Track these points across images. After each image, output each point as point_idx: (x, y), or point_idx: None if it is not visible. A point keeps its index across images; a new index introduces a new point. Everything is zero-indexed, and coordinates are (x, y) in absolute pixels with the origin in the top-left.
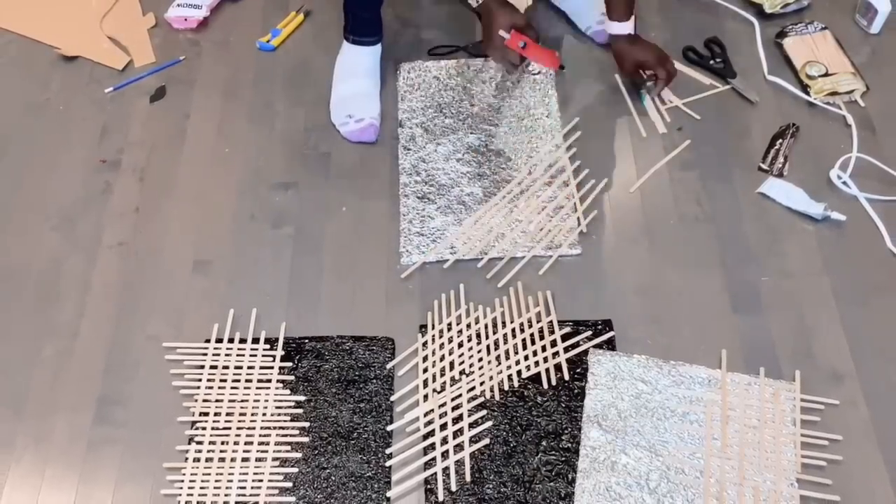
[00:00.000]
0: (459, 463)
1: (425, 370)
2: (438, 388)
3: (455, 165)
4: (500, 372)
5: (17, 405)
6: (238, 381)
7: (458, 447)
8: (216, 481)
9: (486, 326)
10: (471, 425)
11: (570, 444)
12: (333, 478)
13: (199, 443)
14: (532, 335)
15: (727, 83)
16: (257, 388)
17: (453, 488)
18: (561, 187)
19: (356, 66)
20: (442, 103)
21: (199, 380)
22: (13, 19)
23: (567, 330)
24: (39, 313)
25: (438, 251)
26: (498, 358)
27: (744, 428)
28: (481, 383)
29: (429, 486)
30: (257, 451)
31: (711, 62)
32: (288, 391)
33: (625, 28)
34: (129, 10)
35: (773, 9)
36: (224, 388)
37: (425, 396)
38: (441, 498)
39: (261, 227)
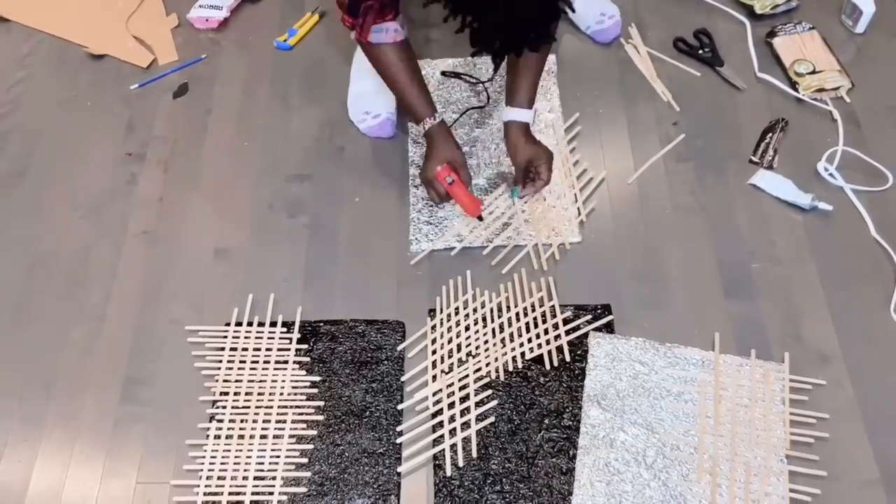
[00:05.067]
0: (466, 440)
1: (434, 352)
2: (446, 369)
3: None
4: (505, 354)
5: (48, 385)
6: (256, 362)
7: (465, 425)
8: (236, 457)
9: (491, 311)
10: (477, 404)
11: (571, 422)
12: (347, 454)
13: (220, 421)
14: (535, 319)
15: (715, 71)
16: (275, 369)
17: (460, 464)
18: (562, 179)
19: (371, 68)
20: (449, 100)
21: (220, 361)
22: (44, 20)
23: (568, 314)
24: (69, 298)
25: (446, 239)
26: (503, 340)
27: (735, 407)
28: (487, 364)
29: (437, 462)
30: (275, 428)
31: (700, 52)
32: (304, 372)
33: (526, 116)
34: (153, 11)
35: (764, 10)
36: (243, 369)
37: (434, 377)
38: (449, 473)
39: (278, 217)
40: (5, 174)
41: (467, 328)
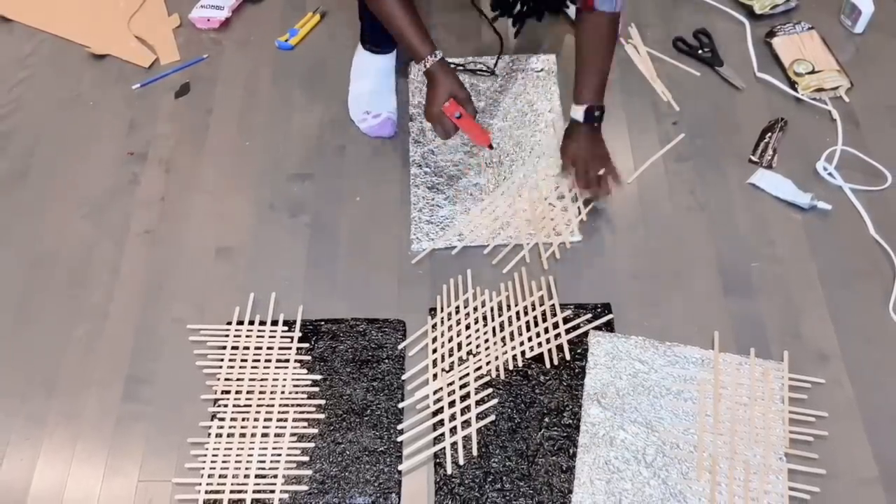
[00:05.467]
0: (467, 438)
1: (434, 350)
2: (447, 368)
3: (463, 157)
4: (506, 352)
5: (50, 383)
6: (258, 360)
7: (466, 423)
8: (237, 455)
9: (491, 309)
10: (477, 403)
11: (571, 421)
12: (348, 452)
13: (221, 419)
14: (535, 318)
15: (715, 71)
16: (276, 367)
17: (461, 462)
18: (562, 178)
19: (372, 66)
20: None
21: (221, 360)
22: (46, 20)
23: (568, 313)
24: (71, 297)
25: (447, 238)
26: (503, 339)
27: (735, 405)
28: (487, 363)
29: (438, 460)
30: (276, 426)
31: (699, 52)
32: (305, 370)
33: (577, 114)
34: (155, 11)
35: (763, 10)
36: (245, 367)
37: (434, 375)
38: (449, 471)
39: (279, 216)
40: (7, 174)
41: (468, 327)
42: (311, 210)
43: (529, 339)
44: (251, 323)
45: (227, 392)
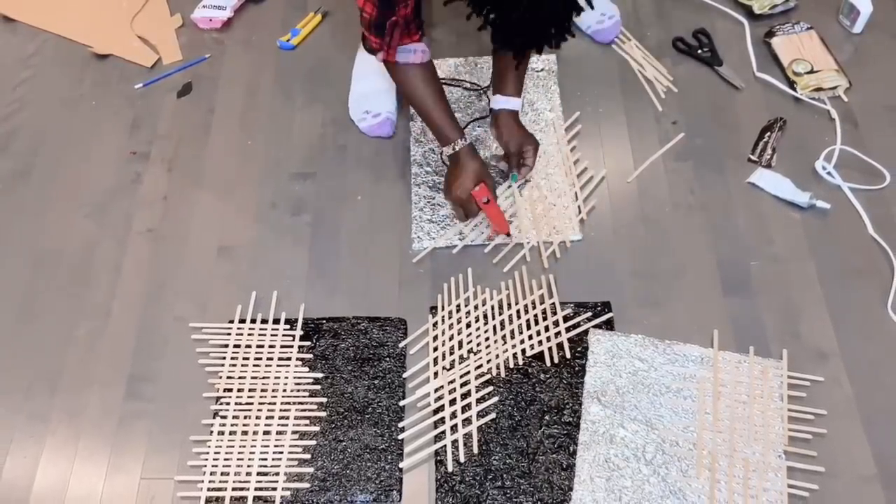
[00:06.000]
0: (467, 436)
1: (435, 349)
2: (448, 366)
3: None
4: (506, 350)
5: (53, 381)
6: (260, 359)
7: (467, 421)
8: (239, 453)
9: (492, 308)
10: (478, 401)
11: (571, 419)
12: (349, 450)
13: (224, 417)
14: (535, 316)
15: (714, 71)
16: (278, 365)
17: (462, 460)
18: (562, 177)
19: (372, 68)
20: (451, 98)
21: (224, 358)
22: (49, 20)
23: (568, 311)
24: (73, 295)
25: (448, 237)
26: (504, 337)
27: (734, 403)
28: (488, 361)
29: (439, 458)
30: (278, 424)
31: (699, 51)
32: (306, 369)
33: (515, 104)
34: (157, 11)
35: (762, 10)
36: (247, 365)
37: (435, 373)
38: (450, 469)
39: (281, 215)
40: (11, 173)
41: (468, 325)
42: (312, 209)
43: (530, 338)
44: (253, 321)
45: (229, 390)
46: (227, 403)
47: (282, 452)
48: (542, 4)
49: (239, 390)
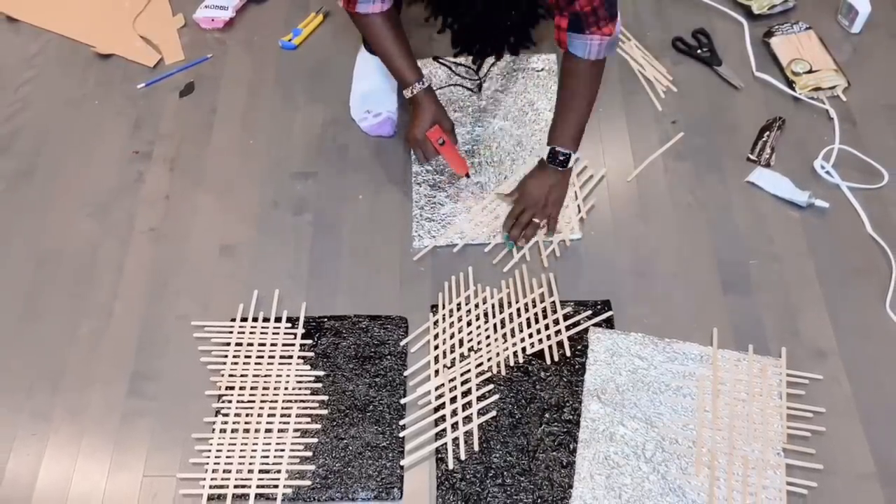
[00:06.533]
0: (468, 433)
1: (436, 347)
2: (449, 364)
3: (464, 156)
4: (506, 349)
5: (56, 380)
6: (262, 357)
7: (467, 419)
8: (241, 450)
9: (492, 306)
10: (479, 398)
11: (571, 416)
12: (350, 447)
13: (226, 415)
14: (536, 314)
15: (714, 70)
16: (279, 363)
17: (462, 457)
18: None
19: (373, 67)
20: (451, 98)
21: (226, 356)
22: (52, 20)
23: (568, 310)
24: (76, 294)
25: (448, 236)
26: (504, 336)
27: (733, 401)
28: (488, 359)
29: (439, 455)
30: (279, 422)
31: (698, 51)
32: (308, 367)
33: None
34: (159, 11)
35: (761, 10)
36: (248, 363)
37: (436, 371)
38: (451, 466)
39: (283, 214)
40: (14, 172)
41: (469, 324)
42: (314, 208)
43: (530, 336)
44: (255, 320)
45: (231, 388)
46: (229, 401)
47: (283, 450)
48: (497, 11)
49: (241, 388)
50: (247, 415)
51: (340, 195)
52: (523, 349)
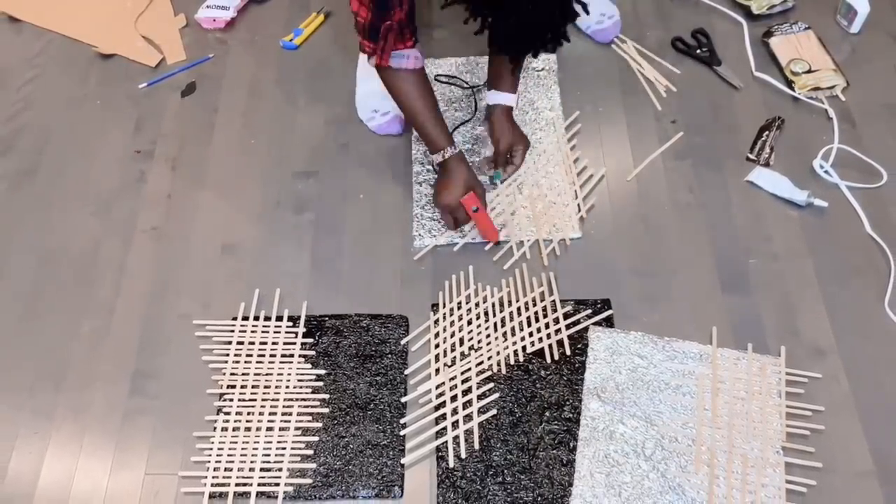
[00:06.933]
0: (468, 432)
1: (437, 346)
2: (449, 363)
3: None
4: (507, 347)
5: (58, 378)
6: (263, 356)
7: (468, 417)
8: (242, 449)
9: (493, 305)
10: (479, 397)
11: (571, 415)
12: (351, 446)
13: (227, 413)
14: (536, 313)
15: (713, 70)
16: (281, 362)
17: (463, 455)
18: (562, 176)
19: None
20: (452, 97)
21: (227, 355)
22: (54, 20)
23: (568, 308)
24: (78, 293)
25: (448, 235)
26: (504, 334)
27: (733, 399)
28: (489, 358)
29: (440, 454)
30: (281, 420)
31: (698, 51)
32: (309, 365)
33: (511, 100)
34: (161, 11)
35: (760, 10)
36: (250, 362)
37: (437, 370)
38: (451, 464)
39: (284, 213)
40: (16, 171)
41: (469, 322)
42: (315, 207)
43: (530, 335)
44: (256, 318)
45: (233, 386)
46: (231, 400)
47: (284, 448)
48: (539, 11)
49: (242, 387)
50: (248, 413)
51: (341, 194)
52: (523, 348)
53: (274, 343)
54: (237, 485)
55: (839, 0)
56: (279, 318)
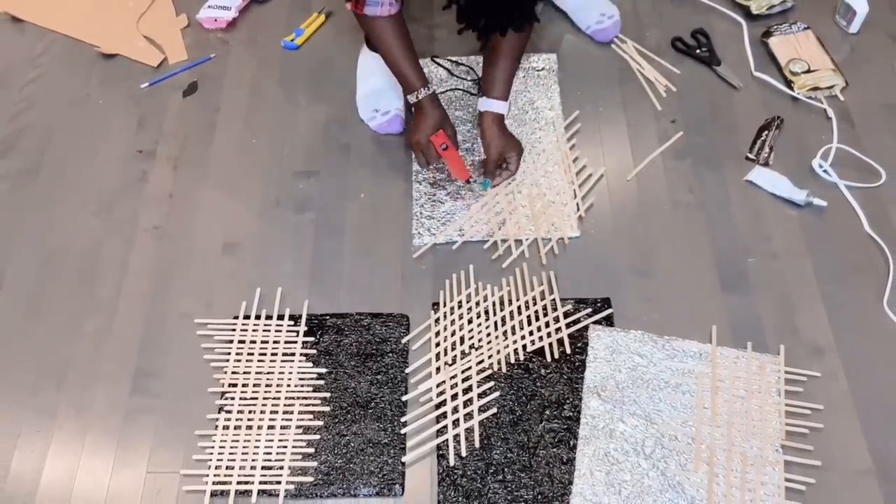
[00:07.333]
0: (469, 430)
1: (437, 344)
2: (450, 361)
3: (464, 154)
4: (507, 346)
5: (60, 377)
6: (264, 354)
7: (468, 416)
8: (244, 447)
9: (493, 304)
10: (479, 395)
11: (571, 413)
12: (352, 444)
13: (228, 412)
14: (536, 312)
15: (712, 70)
16: (282, 361)
17: (463, 454)
18: (562, 175)
19: (377, 66)
20: (452, 97)
21: (228, 353)
22: (57, 20)
23: (568, 307)
24: (81, 292)
25: (447, 233)
26: (505, 333)
27: (732, 398)
28: (489, 356)
29: (441, 452)
30: (282, 419)
31: (697, 51)
32: (310, 364)
33: (501, 107)
34: (163, 12)
35: (760, 10)
36: (251, 361)
37: (437, 369)
38: (452, 462)
39: (285, 212)
40: (19, 171)
41: (470, 321)
42: (316, 206)
43: (531, 334)
44: (257, 317)
45: (234, 385)
46: (232, 398)
47: (286, 447)
48: None
49: (243, 385)
50: (249, 411)
51: (342, 193)
52: (524, 346)
53: (275, 342)
54: (238, 483)
55: (838, 0)
56: (280, 317)
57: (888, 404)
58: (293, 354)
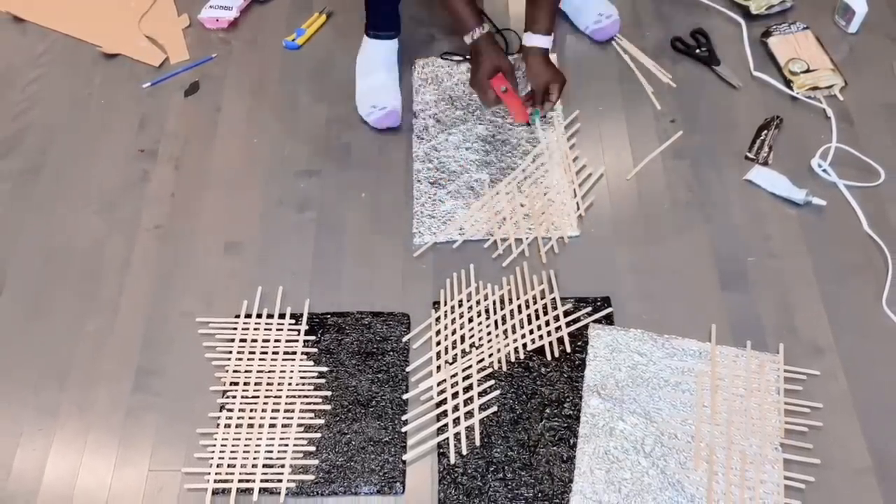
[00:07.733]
0: (470, 429)
1: (438, 343)
2: (450, 360)
3: (464, 153)
4: (507, 345)
5: (62, 376)
6: (265, 353)
7: (469, 414)
8: (245, 445)
9: (493, 303)
10: (480, 394)
11: (571, 412)
12: (353, 442)
13: (230, 410)
14: (536, 311)
15: (712, 70)
16: (283, 359)
17: (464, 452)
18: (561, 175)
19: (376, 60)
20: (453, 96)
21: (230, 352)
22: (59, 20)
23: (569, 306)
24: (83, 291)
25: (448, 232)
26: (505, 332)
27: (732, 396)
28: (490, 355)
29: (441, 450)
30: (283, 417)
31: (697, 51)
32: (311, 363)
33: (546, 42)
34: (165, 11)
35: (759, 10)
36: (252, 359)
37: (438, 367)
38: (453, 461)
39: (286, 212)
40: (21, 170)
41: (470, 320)
42: (317, 206)
43: (531, 332)
44: (259, 316)
45: (236, 384)
46: (234, 397)
47: (287, 445)
48: None
49: (245, 384)
50: (251, 410)
51: (343, 193)
52: (524, 345)
53: (276, 340)
54: (240, 481)
55: (837, 0)
56: (282, 316)
57: (887, 403)
58: (294, 353)
